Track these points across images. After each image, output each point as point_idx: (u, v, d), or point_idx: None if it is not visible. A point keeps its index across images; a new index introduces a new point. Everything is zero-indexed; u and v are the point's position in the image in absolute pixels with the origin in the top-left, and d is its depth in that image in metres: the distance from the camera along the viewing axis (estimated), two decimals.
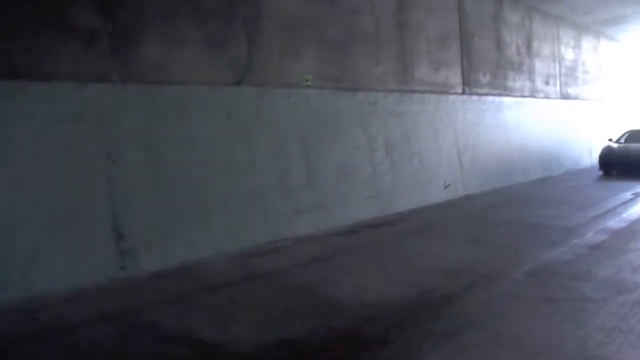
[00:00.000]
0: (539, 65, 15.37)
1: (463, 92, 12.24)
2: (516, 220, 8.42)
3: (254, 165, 7.49)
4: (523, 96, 14.57)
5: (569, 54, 17.14)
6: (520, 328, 4.02)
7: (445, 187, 11.01)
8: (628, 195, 10.25)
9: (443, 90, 11.58)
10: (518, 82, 14.38)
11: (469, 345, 3.75)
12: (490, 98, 13.13)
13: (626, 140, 14.80)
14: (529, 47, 14.90)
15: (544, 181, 13.59)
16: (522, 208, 9.66)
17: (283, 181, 7.83)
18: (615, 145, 14.50)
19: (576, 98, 17.57)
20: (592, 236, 6.93)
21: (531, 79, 15.00)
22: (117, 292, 5.40)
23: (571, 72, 17.25)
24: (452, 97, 11.83)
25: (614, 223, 7.72)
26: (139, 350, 3.99)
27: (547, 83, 15.77)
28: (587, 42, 18.48)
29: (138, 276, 5.81)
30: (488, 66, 13.14)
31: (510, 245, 6.75)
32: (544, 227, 7.72)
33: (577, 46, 17.68)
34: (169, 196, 6.48)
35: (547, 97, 15.79)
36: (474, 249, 6.62)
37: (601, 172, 14.10)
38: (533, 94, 15.10)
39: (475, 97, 12.58)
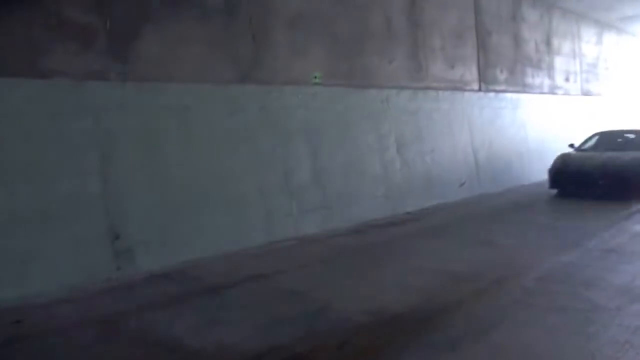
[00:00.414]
0: (558, 61, 14.97)
1: (479, 89, 11.94)
2: (531, 221, 8.12)
3: (258, 164, 7.31)
4: (542, 93, 14.20)
5: (589, 51, 16.67)
6: (525, 341, 3.76)
7: (460, 185, 10.73)
8: None
9: (458, 87, 11.29)
10: (537, 78, 14.01)
11: (466, 359, 3.52)
12: (507, 95, 12.80)
13: (593, 147, 11.33)
14: (548, 43, 14.50)
15: None
16: (537, 208, 9.36)
17: (288, 180, 7.64)
18: (573, 154, 11.02)
19: (598, 95, 17.11)
20: (608, 239, 6.63)
21: (550, 75, 14.61)
22: (110, 293, 5.27)
23: (592, 69, 16.79)
24: (467, 94, 11.53)
25: (634, 225, 7.40)
26: (117, 357, 3.83)
27: (567, 80, 15.36)
28: (609, 39, 17.98)
29: (134, 277, 5.67)
30: (505, 63, 12.81)
31: (523, 247, 6.47)
32: (559, 228, 7.43)
33: (598, 42, 17.21)
34: (168, 196, 6.33)
35: (567, 93, 15.37)
36: (485, 252, 6.34)
37: (556, 191, 10.51)
38: (553, 90, 14.71)
39: (492, 94, 12.27)
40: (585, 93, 16.39)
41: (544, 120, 13.88)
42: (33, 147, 5.48)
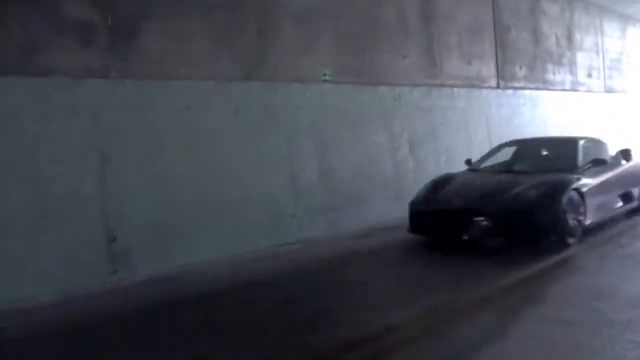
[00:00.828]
0: (580, 57, 14.51)
1: (497, 86, 11.62)
2: None
3: (262, 164, 7.13)
4: (563, 90, 13.78)
5: (613, 45, 16.13)
6: (522, 356, 3.52)
7: None
8: None
9: (475, 84, 10.99)
10: (558, 75, 13.61)
11: None
12: (527, 92, 12.45)
13: (502, 164, 7.97)
14: (569, 38, 14.08)
15: None
16: None
17: (294, 182, 7.45)
18: (456, 176, 7.54)
19: (622, 92, 16.58)
20: (626, 242, 6.34)
21: (572, 71, 14.18)
22: (102, 298, 5.16)
23: (616, 65, 16.27)
24: (485, 91, 11.23)
25: None
26: None
27: (589, 76, 14.90)
28: (633, 33, 17.40)
29: (129, 282, 5.54)
30: (525, 59, 12.45)
31: (537, 253, 6.17)
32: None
33: (622, 37, 16.65)
34: (168, 197, 6.19)
35: (589, 90, 14.91)
36: (495, 256, 6.09)
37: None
38: (574, 87, 14.28)
39: (510, 91, 11.94)
40: (609, 90, 15.90)
41: (565, 118, 13.43)
42: (30, 147, 5.37)
